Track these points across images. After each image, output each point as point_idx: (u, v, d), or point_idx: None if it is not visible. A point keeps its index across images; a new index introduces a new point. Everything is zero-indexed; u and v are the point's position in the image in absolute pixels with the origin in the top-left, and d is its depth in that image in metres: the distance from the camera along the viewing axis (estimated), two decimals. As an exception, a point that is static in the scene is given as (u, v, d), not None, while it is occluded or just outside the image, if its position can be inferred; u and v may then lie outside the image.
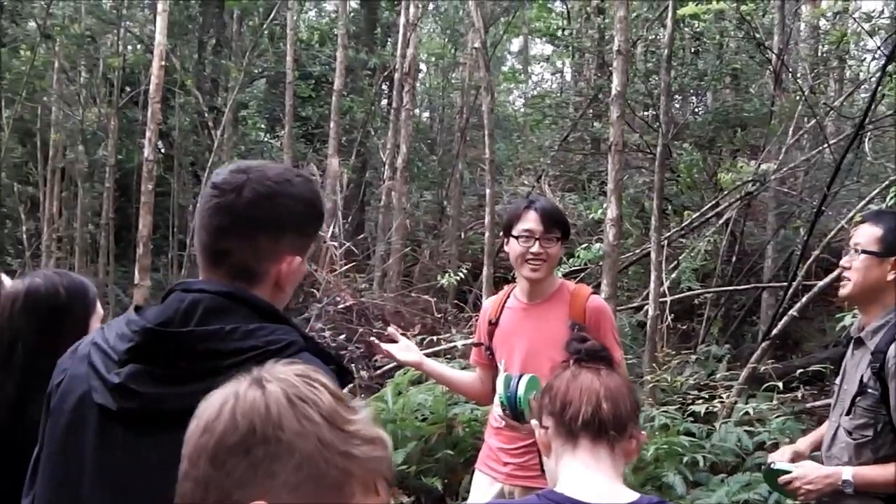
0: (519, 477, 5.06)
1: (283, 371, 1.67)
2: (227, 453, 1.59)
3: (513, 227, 5.09)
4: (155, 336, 2.31)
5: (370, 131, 21.56)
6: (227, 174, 2.44)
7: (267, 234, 2.42)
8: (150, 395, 2.27)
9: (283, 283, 2.50)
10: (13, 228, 20.83)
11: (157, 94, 14.39)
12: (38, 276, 3.58)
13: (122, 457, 2.32)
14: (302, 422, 1.59)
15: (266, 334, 2.30)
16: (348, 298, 13.54)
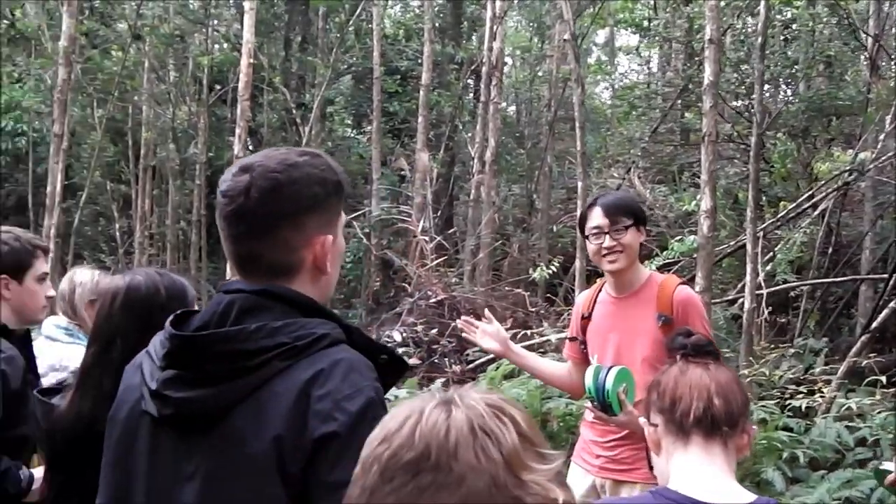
0: (610, 470, 5.02)
1: (475, 398, 1.57)
2: (397, 469, 1.51)
3: (584, 228, 5.09)
4: (182, 341, 2.30)
5: (458, 125, 21.53)
6: (231, 179, 2.37)
7: (288, 225, 2.36)
8: (182, 400, 2.27)
9: (322, 265, 2.44)
10: (106, 226, 21.16)
11: (246, 92, 14.48)
12: (139, 274, 3.58)
13: (168, 462, 2.32)
14: (479, 455, 1.49)
15: (294, 329, 2.25)
16: (439, 293, 13.50)
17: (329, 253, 2.44)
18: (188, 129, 21.17)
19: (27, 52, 22.94)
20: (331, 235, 2.44)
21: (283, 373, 2.20)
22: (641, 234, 5.06)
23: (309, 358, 2.21)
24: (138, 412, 2.39)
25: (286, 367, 2.20)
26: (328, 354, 2.23)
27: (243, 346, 2.23)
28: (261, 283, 2.37)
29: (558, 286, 16.20)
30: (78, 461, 3.36)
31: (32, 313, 4.50)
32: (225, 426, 2.22)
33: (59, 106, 14.74)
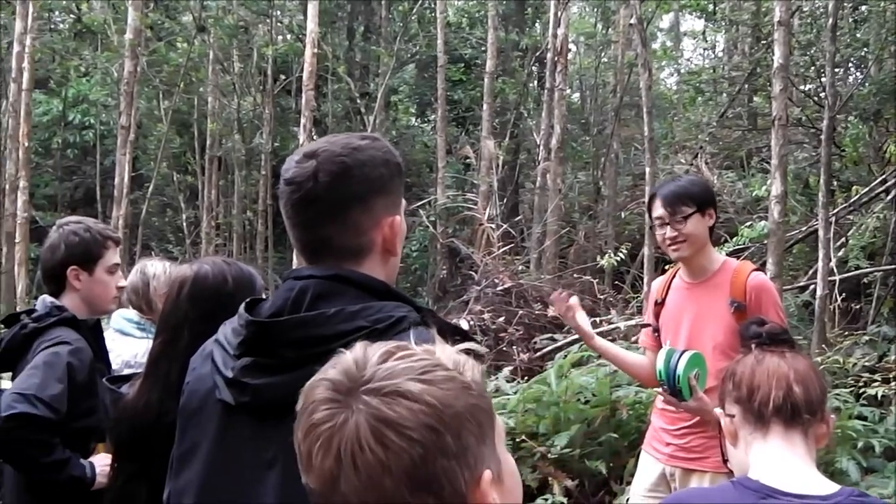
0: (680, 458, 4.95)
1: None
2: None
3: (651, 219, 5.07)
4: (259, 327, 2.28)
5: (523, 113, 21.45)
6: (296, 166, 2.36)
7: (357, 208, 2.35)
8: (260, 387, 2.26)
9: (392, 246, 2.43)
10: (173, 216, 21.32)
11: (311, 82, 14.52)
12: (206, 263, 3.56)
13: (245, 450, 2.31)
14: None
15: (372, 313, 2.22)
16: (506, 281, 13.42)
17: (397, 234, 2.43)
18: (253, 120, 21.27)
19: (93, 45, 23.20)
20: (397, 216, 2.43)
21: None
22: (709, 219, 4.97)
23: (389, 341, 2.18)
24: (212, 401, 2.39)
25: None
26: (407, 337, 2.18)
27: (322, 330, 2.21)
28: (331, 268, 2.35)
29: (625, 273, 16.08)
30: (146, 451, 3.35)
31: (102, 304, 4.51)
32: None
33: (126, 98, 14.88)
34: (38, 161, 22.21)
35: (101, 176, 22.19)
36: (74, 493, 4.05)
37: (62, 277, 4.37)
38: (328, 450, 1.49)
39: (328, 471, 1.49)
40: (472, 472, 1.52)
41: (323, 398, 1.54)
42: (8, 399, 3.87)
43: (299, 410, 1.59)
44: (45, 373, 3.95)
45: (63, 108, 22.52)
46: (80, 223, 4.46)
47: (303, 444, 1.55)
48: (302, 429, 1.56)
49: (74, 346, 4.10)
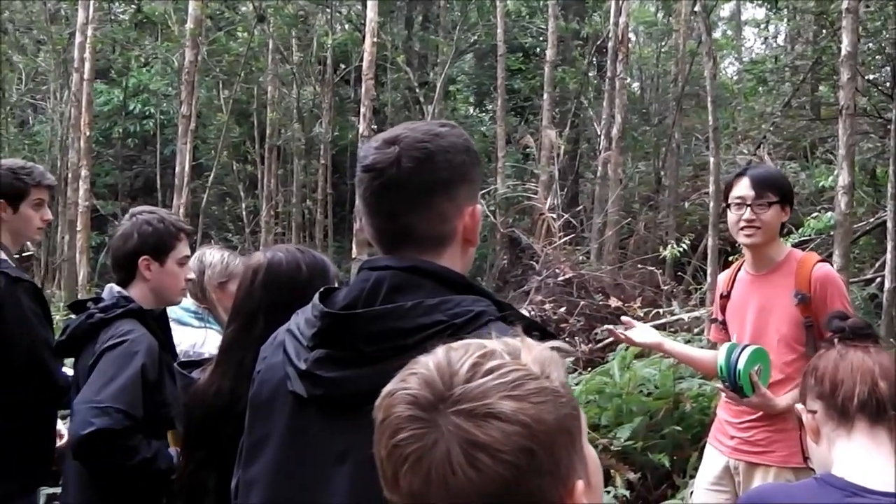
0: (744, 451, 4.90)
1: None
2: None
3: (728, 196, 4.98)
4: (334, 319, 2.23)
5: (583, 102, 21.33)
6: (377, 153, 2.30)
7: (442, 195, 2.30)
8: (335, 380, 2.21)
9: (471, 235, 2.38)
10: (233, 205, 21.43)
11: (370, 71, 14.50)
12: (280, 251, 3.53)
13: (316, 443, 2.28)
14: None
15: (451, 307, 2.17)
16: (567, 271, 13.34)
17: (476, 223, 2.38)
18: (313, 109, 21.32)
19: (154, 36, 23.35)
20: (477, 205, 2.39)
21: None
22: (785, 215, 4.92)
23: (468, 336, 2.03)
24: (283, 392, 2.35)
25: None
26: (486, 333, 2.12)
27: (399, 324, 2.16)
28: (409, 260, 2.30)
29: (687, 265, 15.93)
30: (216, 437, 3.35)
31: (171, 295, 4.52)
32: None
33: (187, 88, 14.95)
34: (99, 150, 22.39)
35: (160, 165, 22.33)
36: (143, 482, 4.07)
37: (133, 267, 4.38)
38: (417, 471, 1.45)
39: (417, 492, 1.45)
40: (565, 485, 1.49)
41: (407, 416, 1.49)
42: (85, 413, 3.87)
43: (378, 423, 1.55)
44: (120, 378, 3.96)
45: (124, 97, 22.68)
46: (154, 213, 4.46)
47: (387, 462, 1.51)
48: (385, 447, 1.51)
49: (145, 345, 4.10)
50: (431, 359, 1.54)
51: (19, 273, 5.06)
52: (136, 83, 22.65)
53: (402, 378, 1.55)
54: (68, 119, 18.38)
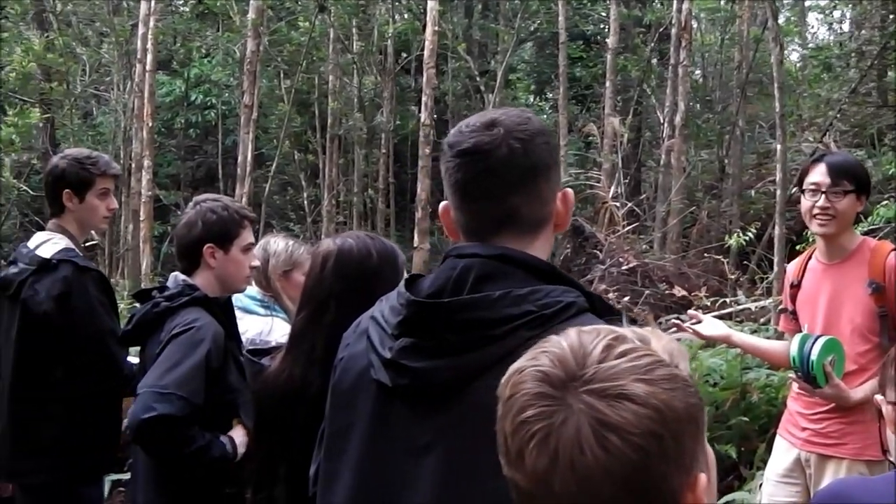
0: (816, 444, 4.81)
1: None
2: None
3: (802, 182, 4.88)
4: (421, 308, 2.19)
5: (645, 90, 21.18)
6: (477, 136, 2.26)
7: (542, 177, 2.28)
8: (421, 370, 2.18)
9: (563, 219, 2.38)
10: (295, 195, 21.52)
11: (432, 60, 14.45)
12: (350, 238, 3.53)
13: (400, 434, 2.24)
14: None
15: (541, 297, 2.12)
16: (631, 260, 13.26)
17: (570, 206, 2.38)
18: (374, 98, 21.33)
19: (215, 27, 23.43)
20: (569, 189, 2.39)
21: (531, 343, 1.94)
22: (860, 204, 4.81)
23: (557, 327, 1.98)
24: (366, 381, 2.32)
25: (533, 337, 1.95)
26: (576, 324, 2.05)
27: (488, 314, 2.12)
28: (498, 248, 2.26)
29: (751, 254, 15.75)
30: (286, 425, 3.34)
31: (235, 283, 4.52)
32: (467, 397, 2.12)
33: (249, 78, 15.00)
34: (161, 141, 22.55)
35: (222, 155, 22.44)
36: (200, 470, 4.08)
37: (197, 255, 4.38)
38: (543, 449, 1.42)
39: (542, 470, 1.42)
40: (688, 476, 1.46)
41: (536, 392, 1.46)
42: (146, 398, 3.88)
43: (505, 400, 1.51)
44: (183, 365, 3.96)
45: (185, 88, 22.83)
46: (218, 201, 4.46)
47: (511, 439, 1.47)
48: (511, 423, 1.48)
49: (211, 333, 4.10)
50: (563, 338, 1.52)
51: (87, 262, 5.10)
52: (198, 74, 22.78)
53: (532, 356, 1.52)
54: (131, 110, 18.51)
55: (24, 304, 5.03)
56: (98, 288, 5.03)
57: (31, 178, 20.51)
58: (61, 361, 4.98)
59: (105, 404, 5.09)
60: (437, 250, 14.74)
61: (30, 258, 5.08)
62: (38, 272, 4.99)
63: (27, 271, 5.04)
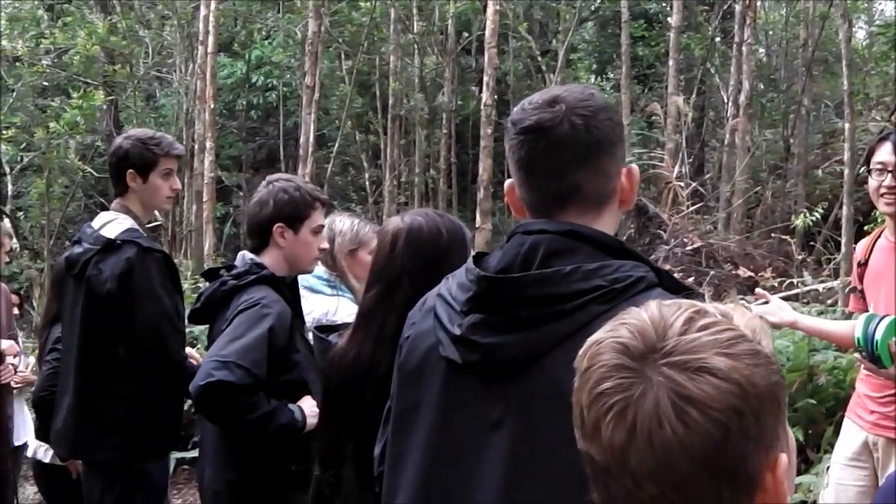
0: (883, 427, 4.72)
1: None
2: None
3: (869, 162, 4.81)
4: (491, 284, 2.19)
5: (709, 69, 20.98)
6: (539, 113, 2.26)
7: (606, 152, 2.28)
8: (492, 346, 2.17)
9: (627, 196, 2.36)
10: (356, 176, 21.57)
11: (493, 39, 14.38)
12: (419, 216, 3.51)
13: (470, 410, 2.24)
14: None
15: (611, 272, 2.11)
16: (695, 240, 13.17)
17: (635, 182, 2.36)
18: (436, 78, 21.31)
19: (276, 8, 23.48)
20: (634, 165, 2.37)
21: (602, 317, 1.96)
22: None
23: (627, 302, 2.03)
24: (434, 359, 2.32)
25: (604, 312, 2.02)
26: (646, 299, 2.04)
27: (558, 289, 2.11)
28: (566, 224, 2.24)
29: (817, 234, 15.58)
30: (355, 403, 3.35)
31: (303, 264, 4.54)
32: (538, 373, 2.11)
33: (311, 58, 15.03)
34: (223, 123, 22.64)
35: (283, 137, 22.50)
36: (264, 440, 4.13)
37: (267, 234, 4.42)
38: (620, 422, 1.39)
39: (618, 444, 1.39)
40: (768, 456, 1.42)
41: (615, 364, 1.42)
42: (208, 365, 3.94)
43: (581, 371, 1.48)
44: (246, 337, 3.99)
45: (247, 70, 22.92)
46: (291, 181, 4.50)
47: (588, 411, 1.44)
48: (587, 395, 1.44)
49: (275, 309, 4.12)
50: (644, 310, 1.49)
51: (151, 243, 5.12)
52: (259, 56, 22.86)
53: (610, 328, 1.49)
54: (193, 92, 18.61)
55: (88, 284, 5.08)
56: (162, 269, 5.05)
57: (95, 160, 20.70)
58: (123, 341, 5.03)
59: (167, 386, 5.12)
60: (498, 231, 14.71)
61: (94, 238, 5.14)
62: (103, 252, 5.03)
63: (91, 251, 5.08)
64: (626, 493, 1.41)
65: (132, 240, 4.99)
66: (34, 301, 17.00)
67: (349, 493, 3.39)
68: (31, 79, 19.27)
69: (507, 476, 2.15)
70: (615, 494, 1.44)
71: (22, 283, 18.22)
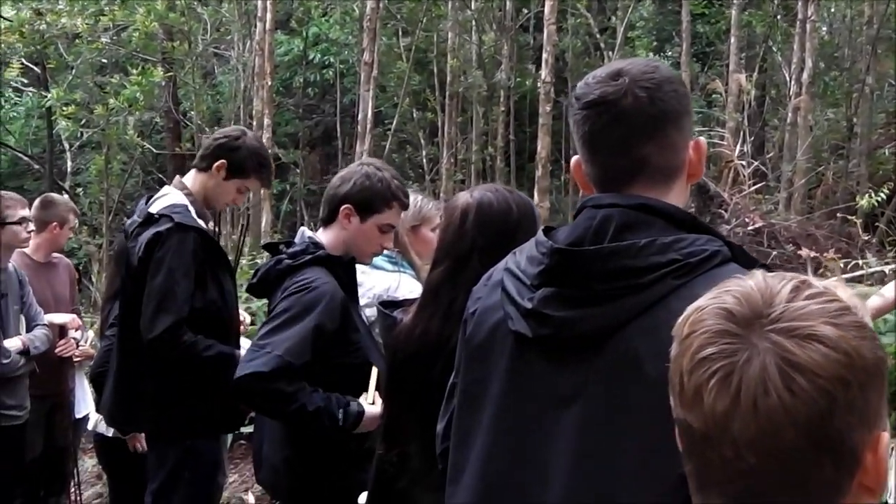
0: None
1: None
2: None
3: None
4: (565, 256, 2.16)
5: (771, 47, 20.75)
6: (602, 86, 2.24)
7: (672, 125, 2.25)
8: (565, 319, 2.15)
9: (695, 170, 2.33)
10: (413, 153, 21.54)
11: (553, 16, 14.30)
12: (488, 191, 3.45)
13: (539, 385, 2.23)
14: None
15: (685, 246, 2.09)
16: (757, 220, 13.03)
17: (703, 156, 2.33)
18: (494, 55, 21.24)
19: (335, -15, 23.47)
20: (701, 139, 2.33)
21: (678, 291, 2.04)
22: None
23: (704, 276, 2.04)
24: (502, 333, 2.30)
25: (681, 286, 2.04)
26: (723, 273, 1.98)
27: (634, 262, 2.08)
28: (636, 197, 2.21)
29: (880, 215, 15.36)
30: (420, 379, 3.32)
31: (360, 255, 4.53)
32: (613, 347, 2.09)
33: (369, 35, 15.01)
34: (280, 100, 22.68)
35: (340, 114, 22.51)
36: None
37: (336, 211, 4.40)
38: (723, 389, 1.35)
39: (721, 411, 1.35)
40: (870, 433, 1.38)
41: (719, 330, 1.38)
42: (247, 354, 4.01)
43: (682, 338, 1.45)
44: (289, 324, 4.01)
45: (304, 47, 22.92)
46: (382, 171, 4.45)
47: (688, 377, 1.41)
48: (689, 360, 1.41)
49: (326, 293, 4.12)
50: (748, 278, 1.46)
51: (188, 220, 5.04)
52: (316, 33, 22.86)
53: (713, 295, 1.46)
54: (252, 69, 18.65)
55: (127, 256, 5.12)
56: (195, 247, 5.00)
57: (153, 136, 20.82)
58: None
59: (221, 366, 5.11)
60: (556, 209, 14.69)
61: (140, 211, 5.19)
62: (143, 225, 5.05)
63: (135, 224, 5.14)
64: (725, 463, 1.38)
65: (168, 214, 4.98)
66: (92, 276, 17.15)
67: (415, 470, 3.35)
68: (91, 56, 19.36)
69: (578, 452, 2.13)
70: (712, 464, 1.41)
71: (80, 258, 18.37)
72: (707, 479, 1.43)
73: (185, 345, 4.85)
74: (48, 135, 21.20)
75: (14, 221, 6.73)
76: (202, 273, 4.98)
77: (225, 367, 4.85)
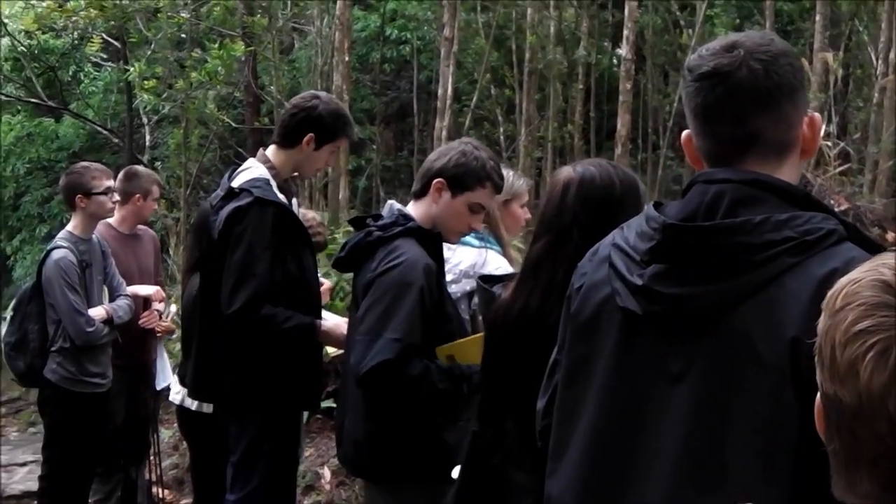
0: None
1: None
2: None
3: None
4: (677, 232, 2.13)
5: (857, 25, 20.42)
6: (716, 58, 2.22)
7: (787, 99, 2.24)
8: (676, 296, 2.11)
9: (809, 145, 2.31)
10: (490, 130, 21.47)
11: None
12: (591, 165, 3.42)
13: (648, 362, 2.19)
14: None
15: (801, 223, 2.06)
16: (842, 202, 12.83)
17: (817, 133, 2.29)
18: (575, 32, 21.11)
19: (414, -39, 23.45)
20: (816, 115, 2.30)
21: (794, 270, 2.01)
22: None
23: (819, 255, 2.02)
24: (609, 309, 2.28)
25: (796, 264, 2.01)
26: (839, 252, 2.02)
27: (748, 239, 2.05)
28: (750, 173, 2.19)
29: (966, 200, 15.11)
30: (520, 356, 3.28)
31: (447, 232, 4.55)
32: (726, 325, 2.05)
33: (450, 10, 14.99)
34: (357, 76, 22.69)
35: (416, 90, 22.50)
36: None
37: (429, 184, 4.40)
38: (881, 362, 1.30)
39: (878, 386, 1.30)
40: None
41: (877, 302, 1.33)
42: (362, 347, 4.01)
43: (835, 310, 1.39)
44: (397, 307, 4.02)
45: (381, 23, 22.91)
46: (480, 150, 4.48)
47: (841, 351, 1.35)
48: (843, 333, 1.35)
49: (421, 268, 4.13)
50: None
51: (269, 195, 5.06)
52: (393, 9, 22.85)
53: (867, 268, 1.40)
54: (331, 45, 18.67)
55: (208, 229, 5.15)
56: (274, 221, 5.00)
57: (232, 110, 20.93)
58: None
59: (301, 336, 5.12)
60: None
61: (223, 185, 5.28)
62: (224, 199, 5.09)
63: (217, 197, 5.24)
64: (877, 440, 1.32)
65: (249, 189, 4.99)
66: (170, 250, 17.31)
67: (509, 447, 3.32)
68: (170, 31, 19.49)
69: (687, 432, 2.10)
70: (862, 441, 1.35)
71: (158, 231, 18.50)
72: (855, 456, 1.37)
73: (265, 318, 4.88)
74: (127, 109, 21.37)
75: (100, 192, 6.83)
76: (282, 248, 5.00)
77: (306, 336, 4.88)
